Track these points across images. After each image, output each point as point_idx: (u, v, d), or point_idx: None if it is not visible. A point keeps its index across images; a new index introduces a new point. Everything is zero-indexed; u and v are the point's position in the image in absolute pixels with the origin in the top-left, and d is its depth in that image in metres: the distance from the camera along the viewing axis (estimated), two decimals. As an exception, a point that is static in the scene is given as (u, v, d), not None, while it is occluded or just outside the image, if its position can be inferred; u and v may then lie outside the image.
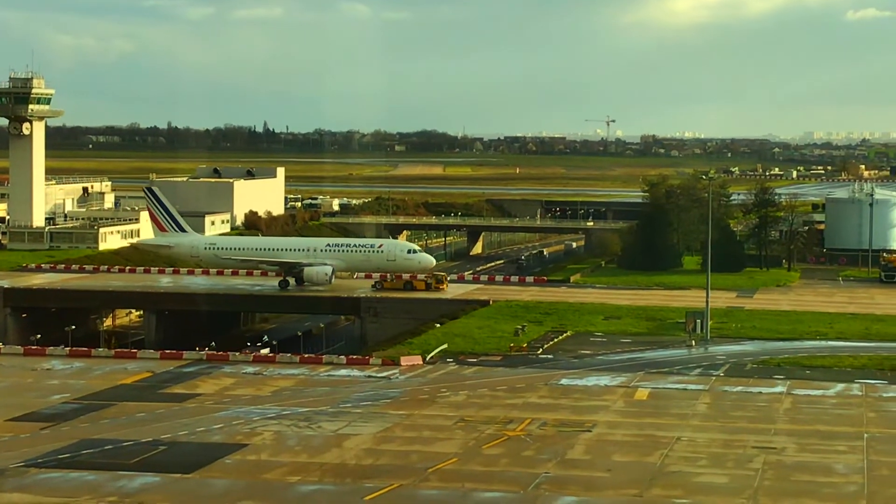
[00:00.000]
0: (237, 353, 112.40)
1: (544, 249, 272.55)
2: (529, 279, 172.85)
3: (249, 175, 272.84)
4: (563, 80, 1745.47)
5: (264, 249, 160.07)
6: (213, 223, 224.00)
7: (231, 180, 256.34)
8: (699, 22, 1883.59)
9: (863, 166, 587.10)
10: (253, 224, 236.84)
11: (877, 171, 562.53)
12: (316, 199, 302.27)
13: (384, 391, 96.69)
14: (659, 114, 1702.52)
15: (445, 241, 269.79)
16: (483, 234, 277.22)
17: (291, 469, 72.27)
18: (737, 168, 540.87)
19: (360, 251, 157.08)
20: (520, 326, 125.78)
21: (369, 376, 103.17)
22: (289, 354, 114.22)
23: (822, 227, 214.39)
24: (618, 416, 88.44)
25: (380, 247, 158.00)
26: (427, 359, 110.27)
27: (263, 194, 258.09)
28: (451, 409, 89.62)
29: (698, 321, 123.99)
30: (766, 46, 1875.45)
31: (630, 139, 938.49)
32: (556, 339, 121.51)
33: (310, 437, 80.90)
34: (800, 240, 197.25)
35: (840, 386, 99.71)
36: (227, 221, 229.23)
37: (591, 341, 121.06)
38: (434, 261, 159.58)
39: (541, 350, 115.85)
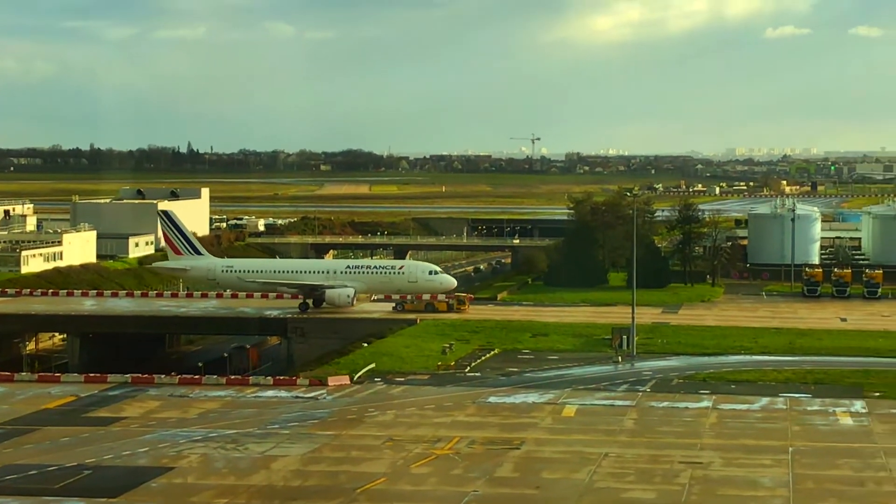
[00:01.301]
0: (162, 376, 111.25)
1: (502, 259, 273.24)
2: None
3: (174, 196, 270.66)
4: (487, 98, 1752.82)
5: (284, 272, 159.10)
6: (136, 245, 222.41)
7: (155, 201, 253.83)
8: (621, 40, 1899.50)
9: (784, 182, 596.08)
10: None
11: (798, 187, 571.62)
12: (241, 219, 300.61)
13: (312, 412, 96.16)
14: (583, 131, 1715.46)
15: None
16: (410, 252, 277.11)
17: (219, 492, 71.65)
18: (660, 185, 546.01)
19: (382, 273, 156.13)
20: (447, 345, 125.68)
21: (297, 397, 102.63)
22: (215, 376, 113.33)
23: (745, 242, 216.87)
24: (546, 433, 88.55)
25: (401, 268, 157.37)
26: (355, 378, 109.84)
27: (188, 215, 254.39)
28: (379, 428, 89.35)
29: (624, 337, 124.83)
30: (688, 64, 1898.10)
31: (555, 157, 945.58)
32: (483, 357, 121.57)
33: (237, 459, 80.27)
34: (723, 255, 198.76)
35: (765, 400, 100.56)
36: (151, 243, 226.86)
37: (518, 359, 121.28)
38: (455, 282, 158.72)
39: (468, 368, 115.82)
